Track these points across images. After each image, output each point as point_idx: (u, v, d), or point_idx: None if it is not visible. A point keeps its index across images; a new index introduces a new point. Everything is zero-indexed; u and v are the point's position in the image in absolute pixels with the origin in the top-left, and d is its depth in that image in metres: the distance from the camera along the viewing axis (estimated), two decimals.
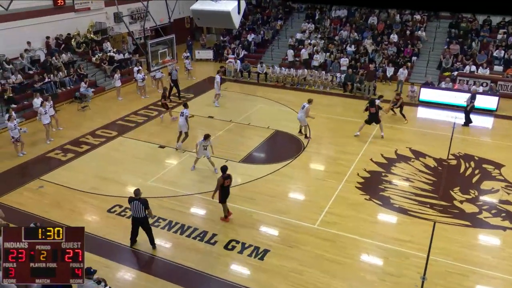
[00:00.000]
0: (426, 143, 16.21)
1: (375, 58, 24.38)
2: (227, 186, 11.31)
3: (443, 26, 26.10)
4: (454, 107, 19.60)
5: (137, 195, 10.18)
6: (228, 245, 10.70)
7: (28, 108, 18.91)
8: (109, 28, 26.49)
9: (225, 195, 11.39)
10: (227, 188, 11.34)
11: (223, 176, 11.21)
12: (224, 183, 11.21)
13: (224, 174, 11.25)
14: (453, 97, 19.90)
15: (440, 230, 11.23)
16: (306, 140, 16.43)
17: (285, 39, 28.17)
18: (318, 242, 10.77)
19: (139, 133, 17.56)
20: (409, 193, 12.93)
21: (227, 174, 11.28)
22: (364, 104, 17.50)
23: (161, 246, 10.82)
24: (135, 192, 10.25)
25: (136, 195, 10.17)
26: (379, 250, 10.51)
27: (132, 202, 10.16)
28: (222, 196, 11.37)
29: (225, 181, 11.22)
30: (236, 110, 19.55)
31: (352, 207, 12.21)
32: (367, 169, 14.29)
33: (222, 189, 11.28)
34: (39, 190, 13.40)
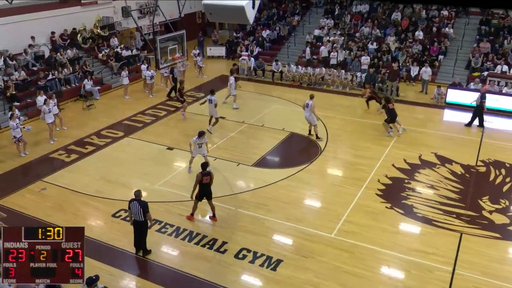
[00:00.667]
0: (453, 148, 16.02)
1: (398, 57, 24.19)
2: (206, 184, 11.44)
3: (473, 22, 25.80)
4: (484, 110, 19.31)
5: (137, 196, 10.24)
6: (239, 254, 10.68)
7: (31, 106, 19.17)
8: (117, 23, 26.77)
9: (203, 193, 11.52)
10: (206, 186, 11.46)
11: (202, 172, 11.38)
12: (203, 180, 11.36)
13: (203, 171, 11.43)
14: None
15: (467, 242, 11.07)
16: (319, 140, 16.41)
17: (302, 36, 28.13)
18: (335, 252, 10.69)
19: (146, 133, 17.67)
20: (433, 202, 12.77)
21: (207, 171, 11.46)
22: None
23: (168, 253, 10.85)
24: (135, 193, 10.33)
25: (136, 196, 10.23)
26: (400, 263, 10.40)
27: (131, 203, 10.24)
28: (200, 194, 11.51)
29: (204, 178, 11.36)
30: (249, 111, 19.56)
31: (372, 216, 12.10)
32: (388, 175, 14.16)
33: (201, 187, 11.42)
34: (41, 192, 13.55)
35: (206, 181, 11.41)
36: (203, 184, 11.40)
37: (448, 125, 18.72)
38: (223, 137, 17.12)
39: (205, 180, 11.39)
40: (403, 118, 18.55)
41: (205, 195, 11.59)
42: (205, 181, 11.39)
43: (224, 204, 12.68)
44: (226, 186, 13.66)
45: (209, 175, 11.44)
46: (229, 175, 14.26)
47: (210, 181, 11.50)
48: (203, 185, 11.41)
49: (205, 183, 11.41)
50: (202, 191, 11.50)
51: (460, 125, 18.28)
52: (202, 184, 11.39)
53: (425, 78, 21.69)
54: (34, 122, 18.22)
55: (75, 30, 24.27)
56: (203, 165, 11.63)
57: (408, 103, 20.56)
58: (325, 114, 18.83)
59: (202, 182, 11.38)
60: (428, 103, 20.57)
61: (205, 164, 11.72)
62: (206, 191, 11.54)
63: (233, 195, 13.23)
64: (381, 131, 17.14)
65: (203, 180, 11.36)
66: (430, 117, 19.24)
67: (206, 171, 11.45)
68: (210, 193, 11.65)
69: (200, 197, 11.61)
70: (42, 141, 16.92)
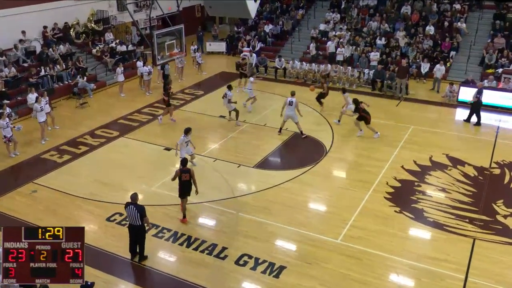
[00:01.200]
0: (466, 149, 16.02)
1: (408, 53, 24.20)
2: (186, 181, 11.60)
3: (487, 17, 25.80)
4: (498, 109, 19.35)
5: (134, 199, 10.27)
6: (240, 260, 10.69)
7: (22, 104, 19.23)
8: (112, 17, 26.83)
9: (184, 189, 11.70)
10: (186, 183, 11.63)
11: (182, 169, 11.61)
12: (182, 177, 11.53)
13: (183, 167, 11.64)
14: (498, 97, 19.66)
15: (480, 248, 11.06)
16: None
17: (306, 31, 28.17)
18: (341, 259, 10.70)
19: (143, 133, 17.71)
20: (445, 206, 12.77)
21: (186, 168, 11.64)
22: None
23: (165, 259, 10.87)
24: (131, 196, 10.34)
25: (133, 200, 10.26)
26: (410, 270, 10.39)
27: (127, 207, 10.26)
28: (181, 191, 11.72)
29: (183, 175, 11.52)
30: (251, 110, 19.58)
31: (380, 221, 12.10)
32: (397, 177, 14.18)
33: (182, 184, 11.62)
34: (32, 195, 13.59)
35: (185, 179, 11.56)
36: (183, 182, 11.58)
37: (460, 125, 18.70)
38: (223, 137, 17.15)
39: (185, 177, 11.55)
40: (412, 117, 18.65)
41: (187, 192, 11.77)
42: (184, 179, 11.55)
43: (224, 208, 12.70)
44: (226, 188, 13.67)
45: (188, 172, 11.58)
46: (229, 177, 14.27)
47: (191, 178, 11.63)
48: (183, 182, 11.59)
49: (185, 180, 11.57)
50: (182, 189, 11.69)
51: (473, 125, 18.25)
52: (182, 181, 11.57)
53: (438, 77, 21.67)
54: (25, 121, 18.28)
55: (67, 25, 24.32)
56: (183, 162, 11.87)
57: (418, 102, 20.59)
58: (331, 113, 18.87)
59: (181, 179, 11.56)
60: (439, 102, 20.58)
61: (184, 161, 11.93)
62: (187, 188, 11.71)
63: (234, 198, 13.23)
64: (390, 131, 17.17)
65: (182, 177, 11.54)
66: (441, 116, 19.25)
67: (186, 168, 11.64)
68: (189, 191, 11.81)
69: (182, 195, 11.77)
70: (33, 141, 16.97)
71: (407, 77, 21.51)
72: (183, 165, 11.75)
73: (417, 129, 17.29)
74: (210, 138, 17.23)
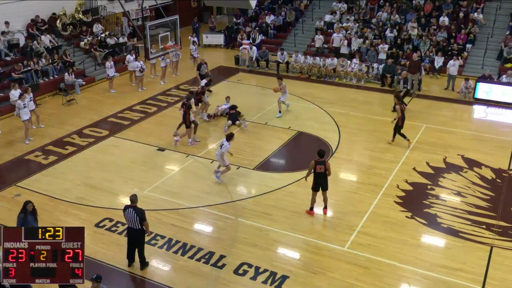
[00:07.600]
0: (483, 150, 16.01)
1: (420, 46, 24.19)
2: (320, 173, 12.14)
3: (505, 7, 25.77)
4: None
5: (133, 202, 10.29)
6: (239, 270, 10.70)
7: (4, 102, 19.23)
8: (101, 7, 26.85)
9: (317, 182, 12.28)
10: (320, 175, 12.16)
11: (317, 160, 12.09)
12: (316, 169, 12.10)
13: (319, 158, 12.13)
14: None
15: (498, 256, 11.06)
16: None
17: (311, 22, 28.17)
18: (348, 268, 10.70)
19: (134, 132, 17.71)
20: (460, 211, 12.78)
21: (322, 160, 12.13)
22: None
23: (158, 268, 10.87)
24: (131, 199, 10.37)
25: (132, 202, 10.28)
26: (423, 280, 10.40)
27: (126, 210, 10.28)
28: (314, 183, 12.35)
29: (317, 166, 12.08)
30: (251, 107, 19.59)
31: (390, 227, 12.11)
32: (409, 180, 14.17)
33: (316, 176, 12.21)
34: (15, 199, 13.58)
35: (320, 170, 12.17)
36: (317, 174, 12.22)
37: (477, 124, 18.71)
38: (221, 137, 17.13)
39: (319, 169, 12.14)
40: (425, 115, 18.65)
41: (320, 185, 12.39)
42: (319, 170, 12.16)
43: (222, 213, 12.71)
44: (224, 192, 13.69)
45: (323, 164, 12.09)
46: (227, 180, 14.28)
47: (325, 170, 12.14)
48: (318, 174, 12.22)
49: (319, 172, 12.19)
50: (316, 181, 12.38)
51: (490, 124, 18.27)
52: (316, 173, 12.22)
53: (453, 74, 21.41)
54: (7, 119, 18.30)
55: (54, 15, 24.33)
56: (319, 153, 12.31)
57: (431, 98, 20.56)
58: (337, 111, 18.87)
59: (315, 171, 12.19)
60: (454, 98, 20.57)
61: (321, 152, 12.37)
62: (320, 181, 12.31)
63: (233, 202, 13.24)
64: None
65: (316, 169, 12.17)
66: (456, 114, 19.25)
67: (321, 160, 12.20)
68: (325, 184, 12.39)
69: (315, 188, 12.39)
70: (16, 140, 16.98)
71: (419, 72, 21.43)
72: (320, 156, 12.09)
73: (430, 128, 17.27)
74: (207, 138, 17.23)
